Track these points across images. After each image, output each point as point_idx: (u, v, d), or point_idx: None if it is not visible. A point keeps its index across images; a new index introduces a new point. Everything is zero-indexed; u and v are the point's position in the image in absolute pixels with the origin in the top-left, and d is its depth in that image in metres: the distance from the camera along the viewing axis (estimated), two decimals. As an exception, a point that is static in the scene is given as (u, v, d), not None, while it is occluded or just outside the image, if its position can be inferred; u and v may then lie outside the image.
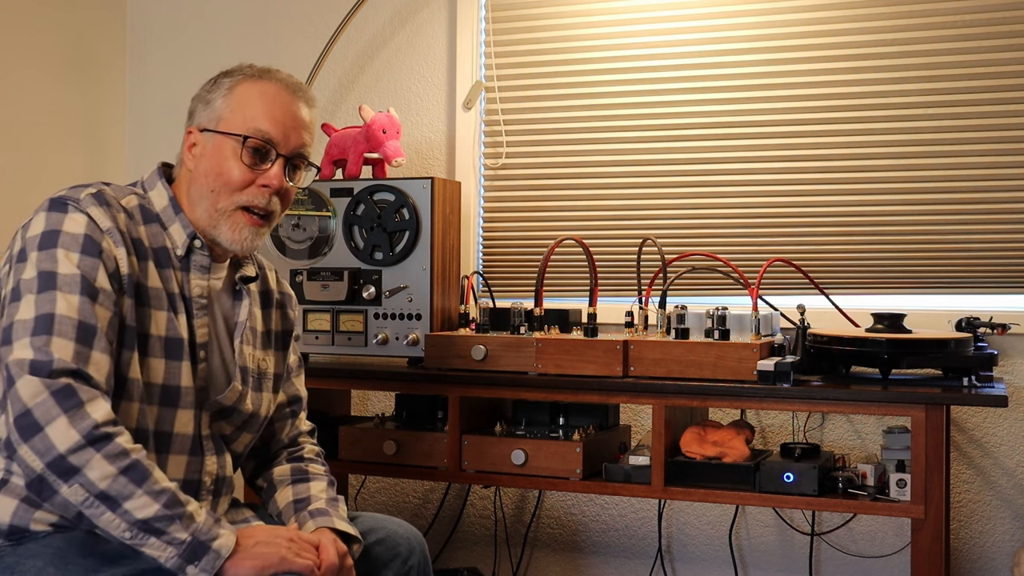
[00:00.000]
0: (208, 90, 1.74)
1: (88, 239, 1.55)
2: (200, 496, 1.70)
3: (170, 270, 1.68)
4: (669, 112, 2.80)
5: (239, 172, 1.68)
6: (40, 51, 3.10)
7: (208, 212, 1.69)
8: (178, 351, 1.66)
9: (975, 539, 2.62)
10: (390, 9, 3.10)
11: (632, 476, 2.26)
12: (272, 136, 1.69)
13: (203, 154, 1.70)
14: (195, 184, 1.70)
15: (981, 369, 2.19)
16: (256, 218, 1.70)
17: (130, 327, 1.59)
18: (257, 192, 1.69)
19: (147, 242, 1.66)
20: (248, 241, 1.70)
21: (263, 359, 1.83)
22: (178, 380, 1.66)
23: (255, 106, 1.70)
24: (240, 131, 1.68)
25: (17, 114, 3.02)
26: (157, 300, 1.64)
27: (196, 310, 1.70)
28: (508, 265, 2.98)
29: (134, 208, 1.67)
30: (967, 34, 2.57)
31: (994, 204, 2.57)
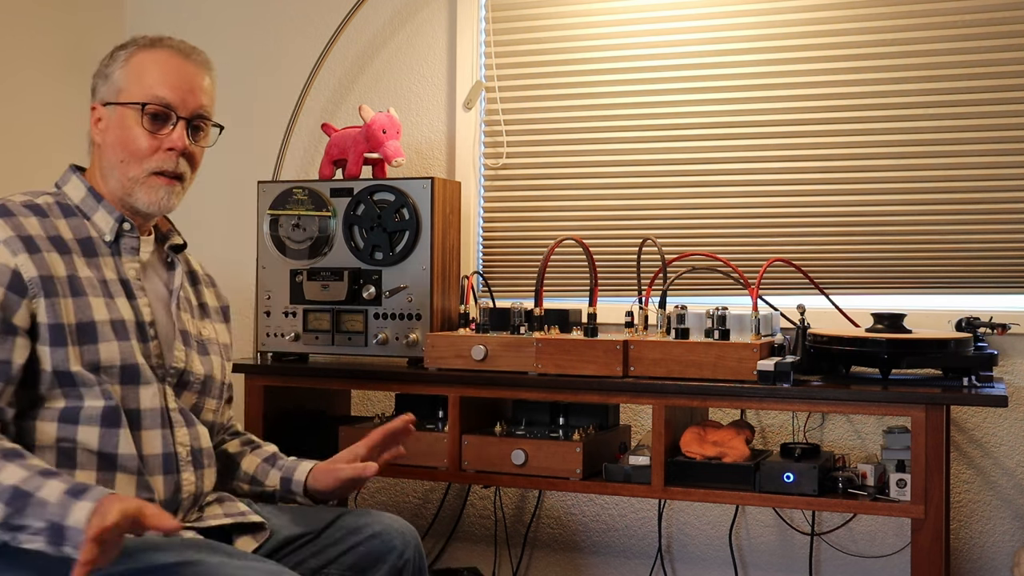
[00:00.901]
0: (106, 64, 1.79)
1: None
2: (180, 468, 1.73)
3: (99, 258, 1.72)
4: (669, 112, 2.80)
5: (144, 139, 1.73)
6: (39, 52, 3.10)
7: (120, 182, 1.75)
8: (126, 331, 1.69)
9: (975, 539, 2.62)
10: (390, 9, 3.10)
11: (632, 476, 2.26)
12: (170, 100, 1.75)
13: (108, 127, 1.76)
14: (104, 157, 1.77)
15: (981, 369, 2.19)
16: (168, 178, 1.76)
17: (62, 324, 1.62)
18: (164, 156, 1.75)
19: (70, 235, 1.70)
20: (165, 200, 1.76)
21: (203, 327, 1.88)
22: (133, 359, 1.69)
23: (151, 73, 1.75)
24: (139, 99, 1.73)
25: (17, 114, 3.02)
26: (92, 288, 1.68)
27: (136, 290, 1.74)
28: (508, 265, 2.98)
29: (49, 206, 1.72)
30: (967, 34, 2.57)
31: (994, 204, 2.57)
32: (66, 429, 1.63)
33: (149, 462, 1.69)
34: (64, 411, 1.63)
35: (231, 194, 3.14)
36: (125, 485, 1.65)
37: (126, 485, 1.65)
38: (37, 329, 1.61)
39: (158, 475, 1.69)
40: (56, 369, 1.61)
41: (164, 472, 1.70)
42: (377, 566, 1.81)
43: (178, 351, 1.77)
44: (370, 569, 1.81)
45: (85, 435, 1.63)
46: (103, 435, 1.64)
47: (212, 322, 1.93)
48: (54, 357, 1.61)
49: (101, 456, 1.64)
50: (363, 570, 1.81)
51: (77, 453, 1.63)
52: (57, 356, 1.61)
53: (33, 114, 3.07)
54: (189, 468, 1.74)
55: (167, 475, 1.70)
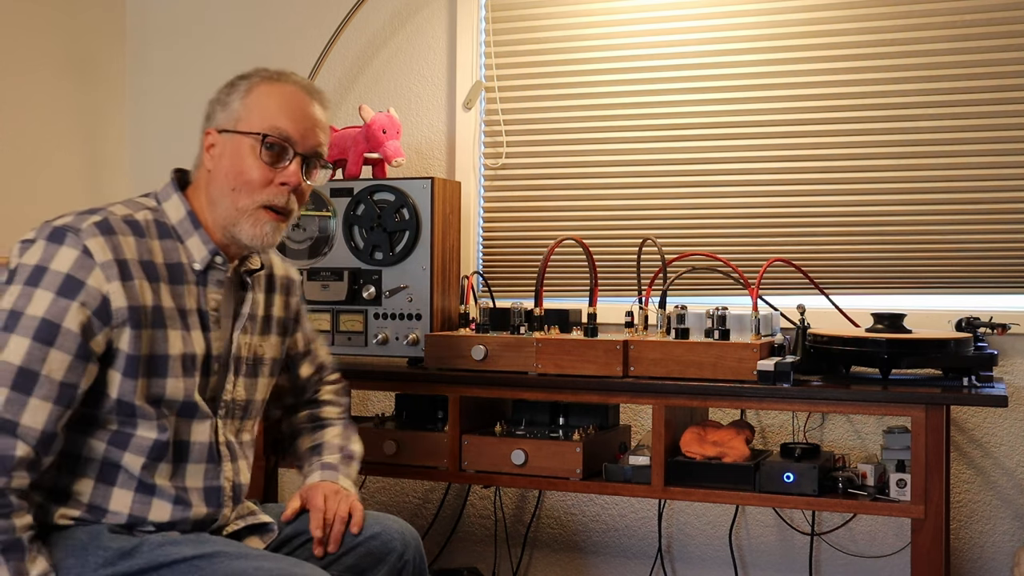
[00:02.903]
0: (226, 92, 1.76)
1: (69, 279, 1.57)
2: (223, 503, 1.74)
3: (184, 286, 1.70)
4: (669, 112, 2.80)
5: (258, 170, 1.70)
6: (40, 52, 3.10)
7: (228, 211, 1.71)
8: (193, 367, 1.69)
9: (975, 539, 2.62)
10: (390, 9, 3.10)
11: (632, 476, 2.26)
12: (290, 134, 1.72)
13: (222, 154, 1.72)
14: (214, 184, 1.72)
15: (981, 369, 2.19)
16: (276, 214, 1.73)
17: (138, 356, 1.61)
18: (276, 191, 1.71)
19: (161, 258, 1.68)
20: (269, 237, 1.72)
21: (260, 345, 1.86)
22: (193, 396, 1.69)
23: (272, 106, 1.72)
24: (258, 129, 1.70)
25: (17, 115, 3.02)
26: (172, 320, 1.67)
27: (211, 323, 1.73)
28: (508, 265, 2.98)
29: (148, 223, 1.69)
30: (967, 34, 2.57)
31: (994, 204, 2.57)
32: (113, 452, 1.64)
33: (192, 494, 1.70)
34: (116, 435, 1.64)
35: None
36: (160, 510, 1.67)
37: (161, 510, 1.67)
38: (113, 355, 1.61)
39: (200, 506, 1.71)
40: (120, 398, 1.62)
41: (207, 504, 1.72)
42: (377, 567, 1.81)
43: (229, 383, 1.77)
44: (370, 570, 1.81)
45: (130, 461, 1.65)
46: (147, 465, 1.65)
47: (272, 335, 1.90)
48: (122, 387, 1.61)
49: (141, 483, 1.66)
50: (363, 570, 1.81)
51: (119, 474, 1.65)
52: (125, 386, 1.61)
53: (33, 115, 3.07)
54: (229, 503, 1.76)
55: (208, 507, 1.72)
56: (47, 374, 1.54)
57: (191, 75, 3.33)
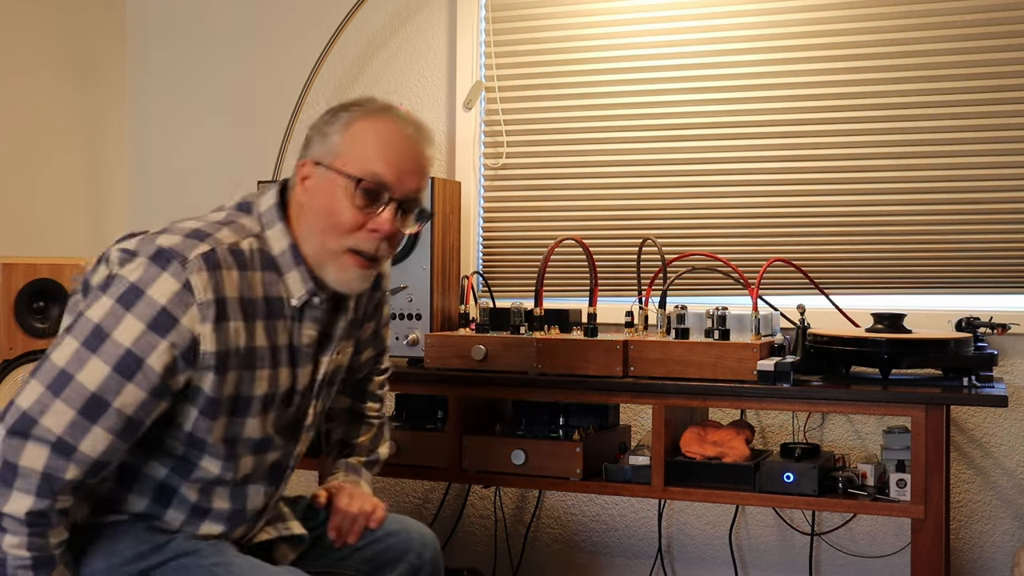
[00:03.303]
0: (326, 122, 1.66)
1: (164, 314, 1.50)
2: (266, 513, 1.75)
3: (280, 321, 1.64)
4: (669, 112, 2.80)
5: (350, 214, 1.60)
6: (40, 52, 3.10)
7: (315, 250, 1.63)
8: (274, 403, 1.66)
9: (975, 539, 2.62)
10: (390, 9, 3.10)
11: (632, 476, 2.26)
12: (386, 179, 1.61)
13: (316, 189, 1.63)
14: (305, 219, 1.63)
15: (981, 369, 2.19)
16: (364, 260, 1.63)
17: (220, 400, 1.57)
18: (367, 237, 1.62)
19: (260, 292, 1.61)
20: (355, 283, 1.65)
21: (343, 353, 1.81)
22: (269, 433, 1.67)
23: (371, 145, 1.61)
24: (354, 172, 1.60)
25: (17, 115, 3.02)
26: (261, 360, 1.61)
27: (303, 359, 1.68)
28: (508, 265, 2.98)
29: (252, 253, 1.61)
30: (967, 34, 2.57)
31: (994, 204, 2.57)
32: (173, 479, 1.62)
33: (248, 514, 1.70)
34: (179, 463, 1.62)
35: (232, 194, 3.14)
36: (211, 528, 1.67)
37: (212, 528, 1.67)
38: (193, 393, 1.56)
39: (248, 523, 1.72)
40: (193, 433, 1.59)
41: (254, 520, 1.73)
42: (394, 564, 1.82)
43: (312, 408, 1.74)
44: (388, 566, 1.82)
45: (188, 490, 1.64)
46: (202, 493, 1.64)
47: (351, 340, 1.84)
48: (198, 424, 1.58)
49: (195, 508, 1.65)
50: (381, 566, 1.82)
51: (174, 499, 1.64)
52: (201, 424, 1.58)
53: (33, 115, 3.07)
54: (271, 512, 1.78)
55: (254, 523, 1.73)
56: (118, 407, 1.49)
57: (191, 75, 3.33)
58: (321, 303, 1.66)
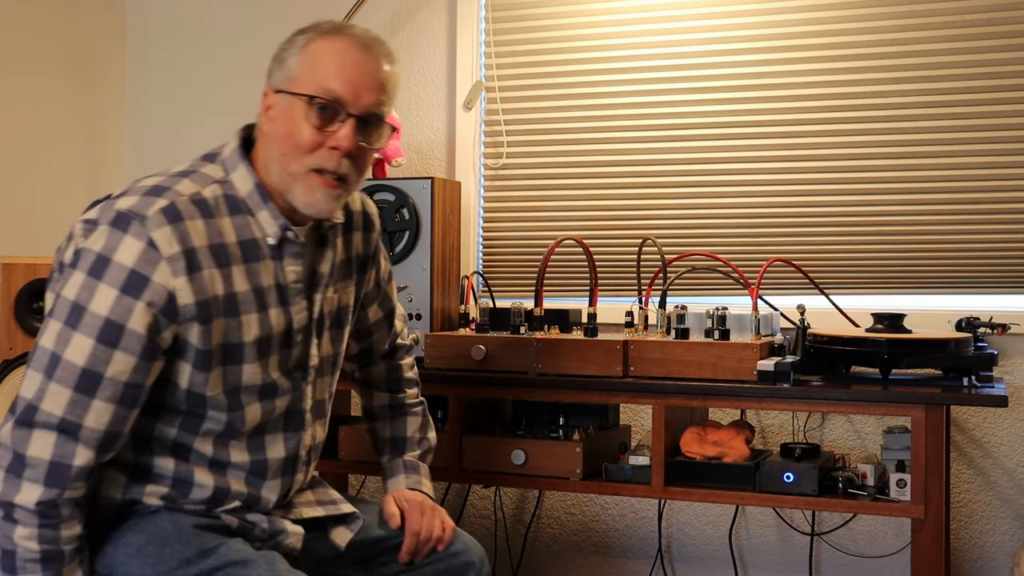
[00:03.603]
0: (283, 48, 1.66)
1: (134, 275, 1.50)
2: (297, 468, 1.73)
3: (260, 263, 1.62)
4: (669, 112, 2.80)
5: (308, 134, 1.59)
6: (40, 53, 3.10)
7: (280, 176, 1.61)
8: (270, 347, 1.64)
9: (975, 539, 2.62)
10: (390, 9, 3.10)
11: (632, 476, 2.26)
12: (341, 95, 1.59)
13: (277, 116, 1.62)
14: (268, 147, 1.63)
15: (981, 369, 2.19)
16: (330, 180, 1.61)
17: (210, 350, 1.57)
18: (328, 154, 1.60)
19: (233, 237, 1.59)
20: (323, 204, 1.62)
21: (342, 292, 1.79)
22: (272, 377, 1.65)
23: (326, 63, 1.60)
24: (309, 91, 1.59)
25: (17, 115, 3.02)
26: (246, 304, 1.60)
27: (293, 296, 1.66)
28: (508, 265, 2.98)
29: (217, 199, 1.60)
30: (967, 34, 2.57)
31: (994, 204, 2.57)
32: (184, 436, 1.62)
33: (271, 465, 1.68)
34: (185, 422, 1.61)
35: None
36: (235, 483, 1.66)
37: (236, 483, 1.66)
38: (182, 348, 1.56)
39: (276, 478, 1.70)
40: (192, 389, 1.58)
41: (283, 474, 1.70)
42: None
43: (314, 348, 1.72)
44: None
45: (201, 445, 1.63)
46: (218, 446, 1.64)
47: (353, 276, 1.82)
48: (193, 379, 1.57)
49: (213, 462, 1.64)
50: None
51: (191, 454, 1.64)
52: (197, 379, 1.57)
53: (33, 115, 3.07)
54: (303, 468, 1.75)
55: (284, 477, 1.71)
56: (111, 376, 1.50)
57: (191, 75, 3.33)
58: (297, 237, 1.65)
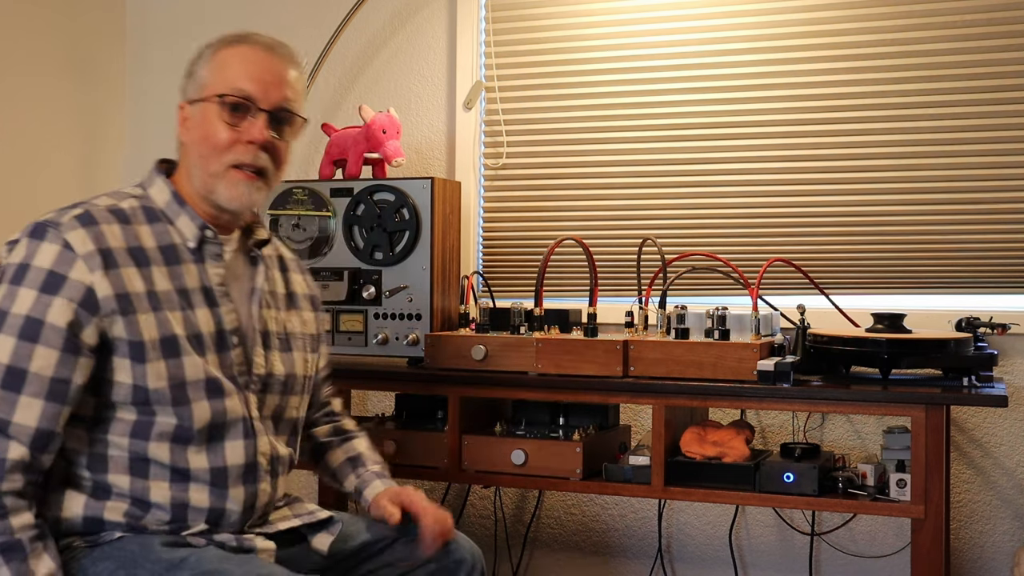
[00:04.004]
0: (192, 63, 1.77)
1: (50, 275, 1.56)
2: (259, 478, 1.72)
3: (182, 265, 1.68)
4: (669, 112, 2.80)
5: (224, 132, 1.69)
6: (40, 53, 3.10)
7: (203, 178, 1.71)
8: (203, 346, 1.67)
9: (975, 539, 2.62)
10: (390, 9, 3.10)
11: (632, 476, 2.26)
12: (250, 92, 1.70)
13: (193, 124, 1.73)
14: (188, 155, 1.73)
15: (981, 369, 2.19)
16: (249, 173, 1.70)
17: (142, 341, 1.59)
18: (244, 149, 1.69)
19: (153, 243, 1.66)
20: (246, 196, 1.71)
21: (287, 320, 1.84)
22: (213, 372, 1.66)
23: (232, 67, 1.72)
24: (219, 91, 1.70)
25: (17, 115, 3.02)
26: (169, 302, 1.64)
27: (219, 297, 1.71)
28: (508, 265, 2.98)
29: (135, 210, 1.68)
30: (967, 34, 2.57)
31: (994, 204, 2.57)
32: (137, 444, 1.62)
33: (231, 472, 1.68)
34: (136, 425, 1.62)
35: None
36: (198, 495, 1.65)
37: (199, 495, 1.65)
38: (112, 344, 1.59)
39: (238, 486, 1.69)
40: (135, 383, 1.59)
41: (244, 483, 1.69)
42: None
43: (258, 357, 1.74)
44: None
45: (156, 451, 1.63)
46: (174, 451, 1.63)
47: (300, 311, 1.89)
48: (135, 371, 1.59)
49: (174, 470, 1.64)
50: None
51: (150, 466, 1.63)
52: (138, 371, 1.59)
53: (33, 115, 3.07)
54: (266, 478, 1.73)
55: (246, 485, 1.70)
56: (36, 371, 1.54)
57: (191, 75, 3.33)
58: (216, 237, 1.72)
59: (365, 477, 1.93)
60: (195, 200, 1.73)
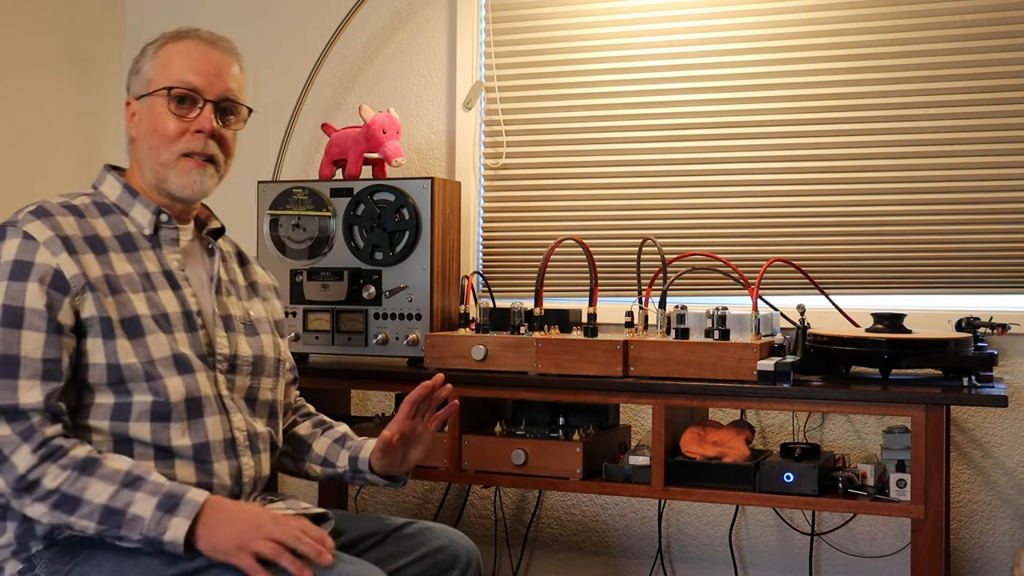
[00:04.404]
0: (137, 61, 1.83)
1: (16, 264, 1.61)
2: (239, 453, 1.74)
3: (139, 252, 1.74)
4: (669, 112, 2.80)
5: (172, 122, 1.75)
6: (40, 52, 3.10)
7: (154, 169, 1.77)
8: (170, 324, 1.70)
9: (975, 539, 2.62)
10: (390, 9, 3.10)
11: (632, 476, 2.26)
12: (195, 83, 1.76)
13: (140, 119, 1.79)
14: (138, 149, 1.80)
15: (981, 369, 2.19)
16: (199, 160, 1.77)
17: (110, 318, 1.64)
18: (193, 138, 1.76)
19: (108, 232, 1.72)
20: (198, 184, 1.77)
21: (250, 307, 1.89)
22: (183, 348, 1.70)
23: (177, 61, 1.78)
24: (166, 83, 1.76)
25: (17, 115, 3.02)
26: (131, 284, 1.69)
27: (180, 280, 1.76)
28: (508, 265, 2.98)
29: (87, 206, 1.74)
30: (967, 34, 2.57)
31: (994, 204, 2.57)
32: (118, 426, 1.64)
33: (213, 448, 1.70)
34: (115, 408, 1.64)
35: (231, 194, 3.13)
36: (185, 472, 1.67)
37: (186, 472, 1.67)
38: (84, 325, 1.63)
39: (222, 460, 1.71)
40: (109, 362, 1.63)
41: (226, 457, 1.72)
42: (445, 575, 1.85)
43: (220, 338, 1.77)
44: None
45: (137, 430, 1.65)
46: (155, 429, 1.65)
47: (263, 300, 1.94)
48: (107, 349, 1.63)
49: (157, 448, 1.66)
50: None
51: (134, 445, 1.65)
52: (109, 348, 1.63)
53: (33, 115, 3.07)
54: (247, 453, 1.76)
55: (229, 460, 1.72)
56: (27, 355, 1.58)
57: (191, 75, 3.33)
58: (170, 221, 1.78)
59: (355, 444, 1.95)
60: (148, 191, 1.78)
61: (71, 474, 1.54)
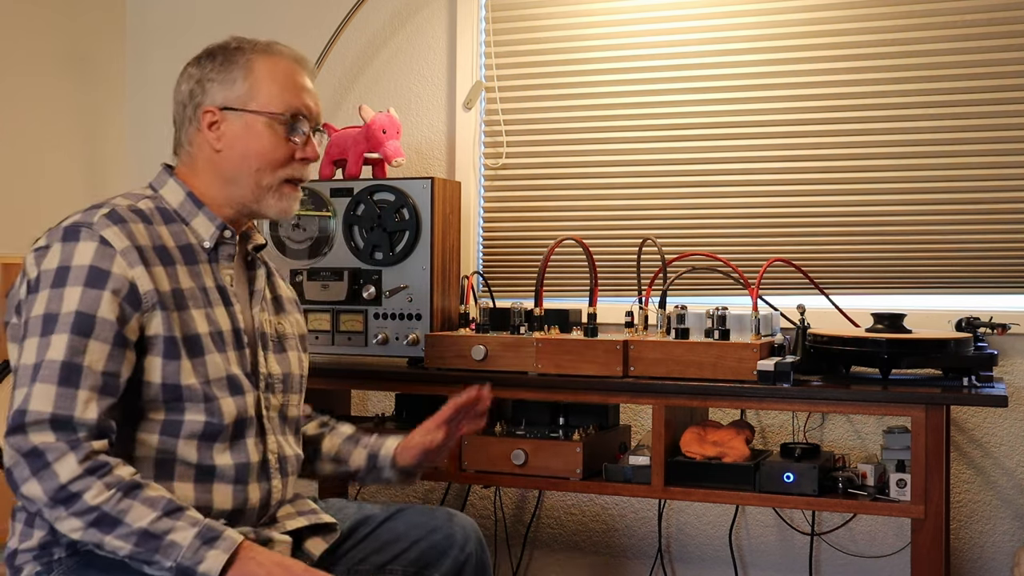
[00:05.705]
0: (219, 69, 1.75)
1: (93, 270, 1.56)
2: (271, 476, 1.72)
3: (199, 265, 1.69)
4: (669, 112, 2.80)
5: (283, 149, 1.72)
6: (40, 52, 3.10)
7: (251, 189, 1.72)
8: (224, 343, 1.68)
9: (975, 539, 2.62)
10: (390, 9, 3.10)
11: (632, 476, 2.26)
12: (305, 112, 1.74)
13: (233, 134, 1.72)
14: (228, 163, 1.72)
15: (981, 369, 2.19)
16: (296, 186, 1.76)
17: (175, 337, 1.60)
18: (299, 166, 1.75)
19: (172, 242, 1.67)
20: (292, 208, 1.77)
21: (279, 323, 1.86)
22: (233, 370, 1.68)
23: (280, 82, 1.73)
24: (278, 108, 1.71)
25: (17, 115, 3.02)
26: (193, 299, 1.66)
27: (231, 296, 1.72)
28: (508, 265, 2.98)
29: (151, 211, 1.68)
30: (967, 34, 2.57)
31: (994, 204, 2.57)
32: (167, 442, 1.61)
33: (251, 470, 1.68)
34: (165, 424, 1.61)
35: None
36: (222, 494, 1.65)
37: (223, 494, 1.65)
38: (147, 342, 1.59)
39: (254, 483, 1.69)
40: (166, 382, 1.59)
41: (259, 480, 1.70)
42: (440, 560, 1.84)
43: (260, 356, 1.76)
44: (433, 564, 1.83)
45: (185, 449, 1.62)
46: (202, 448, 1.63)
47: (288, 314, 1.91)
48: (166, 370, 1.59)
49: (200, 468, 1.63)
50: (426, 565, 1.84)
51: (176, 465, 1.62)
52: (169, 369, 1.59)
53: (33, 115, 3.07)
54: (277, 476, 1.74)
55: (260, 483, 1.70)
56: (89, 365, 1.52)
57: (191, 75, 3.33)
58: (232, 237, 1.74)
59: (373, 442, 1.94)
60: (217, 204, 1.73)
61: (115, 494, 1.49)
